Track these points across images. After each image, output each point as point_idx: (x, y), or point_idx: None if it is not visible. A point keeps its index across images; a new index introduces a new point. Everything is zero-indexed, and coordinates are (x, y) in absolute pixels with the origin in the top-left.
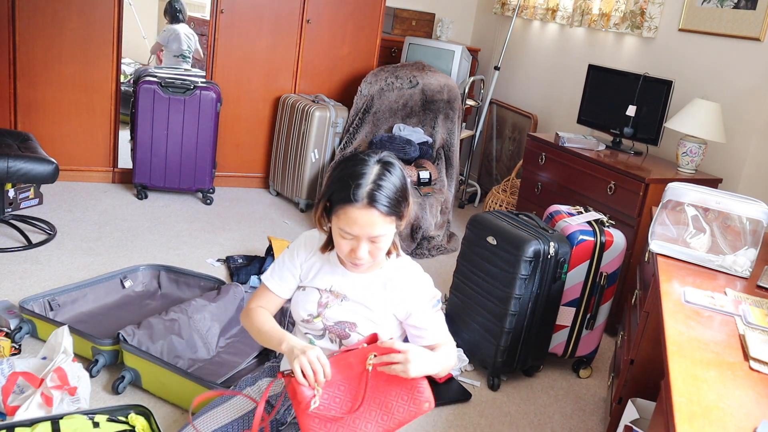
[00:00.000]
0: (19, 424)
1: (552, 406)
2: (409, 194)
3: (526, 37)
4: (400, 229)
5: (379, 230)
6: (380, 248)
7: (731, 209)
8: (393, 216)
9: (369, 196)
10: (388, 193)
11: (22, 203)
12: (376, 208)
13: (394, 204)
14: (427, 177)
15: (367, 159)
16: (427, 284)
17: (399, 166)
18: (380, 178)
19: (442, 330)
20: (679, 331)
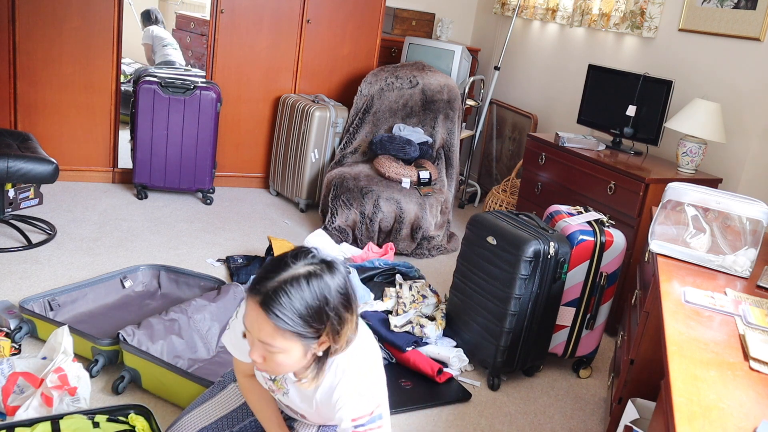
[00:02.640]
0: (19, 424)
1: (552, 406)
2: (329, 326)
3: (526, 37)
4: (318, 350)
5: (266, 339)
6: (278, 363)
7: (731, 209)
8: (289, 334)
9: (264, 293)
10: (291, 307)
11: (22, 203)
12: (266, 313)
13: (292, 322)
14: (427, 177)
15: (306, 257)
16: (355, 400)
17: (332, 285)
18: (291, 284)
19: None
20: (679, 331)
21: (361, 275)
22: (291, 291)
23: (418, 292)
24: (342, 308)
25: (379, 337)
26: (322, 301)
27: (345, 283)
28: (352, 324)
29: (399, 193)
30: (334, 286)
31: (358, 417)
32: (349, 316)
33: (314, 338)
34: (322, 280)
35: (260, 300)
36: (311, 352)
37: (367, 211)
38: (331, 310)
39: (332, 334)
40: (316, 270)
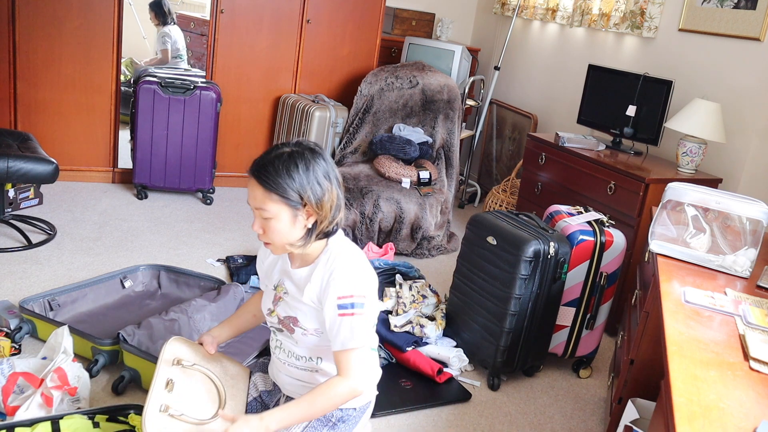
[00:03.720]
0: (19, 424)
1: (552, 406)
2: (307, 188)
3: (526, 37)
4: (307, 222)
5: (260, 204)
6: (272, 229)
7: (731, 209)
8: (276, 195)
9: (256, 165)
10: (273, 170)
11: (22, 203)
12: (255, 178)
13: (274, 182)
14: (427, 177)
15: (291, 144)
16: (343, 279)
17: (311, 160)
18: (277, 156)
19: (344, 340)
20: (679, 331)
21: None
22: (276, 162)
23: (418, 292)
24: (322, 178)
25: (379, 337)
26: (302, 169)
27: (324, 162)
28: (333, 195)
29: (399, 193)
30: (314, 161)
31: (343, 296)
32: (328, 185)
33: (299, 204)
34: (303, 156)
35: (252, 170)
36: (301, 222)
37: (367, 211)
38: (310, 178)
39: (314, 203)
40: (299, 150)
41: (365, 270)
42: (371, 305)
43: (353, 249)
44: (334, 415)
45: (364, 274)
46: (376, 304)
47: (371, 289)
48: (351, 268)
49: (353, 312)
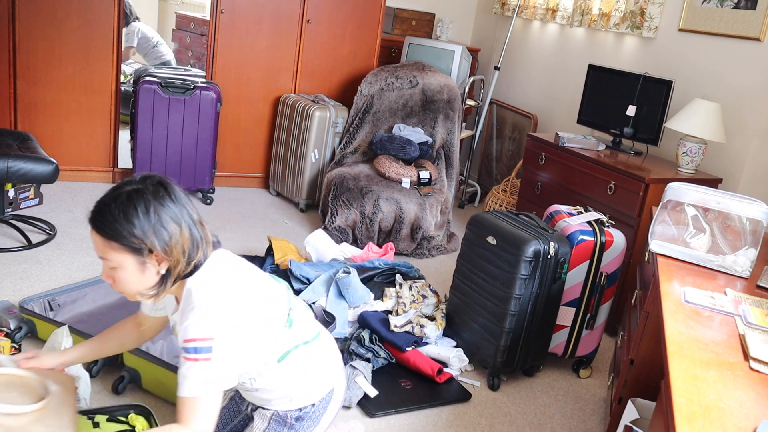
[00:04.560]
0: None
1: (552, 406)
2: (150, 234)
3: (526, 37)
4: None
5: (102, 253)
6: (120, 278)
7: (731, 209)
8: (116, 243)
9: (93, 210)
10: (114, 218)
11: (22, 203)
12: (92, 227)
13: (115, 232)
14: (427, 177)
15: (133, 179)
16: (190, 322)
17: (149, 198)
18: (117, 200)
19: (184, 386)
20: (679, 331)
21: (361, 275)
22: (112, 206)
23: (418, 292)
24: (167, 221)
25: (379, 337)
26: (142, 213)
27: (171, 201)
28: (184, 239)
29: (399, 193)
30: (157, 203)
31: (190, 339)
32: (175, 229)
33: (143, 251)
34: (143, 197)
35: (90, 218)
36: (151, 270)
37: (367, 211)
38: (152, 223)
39: (161, 248)
40: (142, 188)
41: (219, 308)
42: (222, 351)
43: (215, 283)
44: (289, 416)
45: (216, 314)
46: (236, 341)
47: (224, 328)
48: (201, 309)
49: (196, 357)
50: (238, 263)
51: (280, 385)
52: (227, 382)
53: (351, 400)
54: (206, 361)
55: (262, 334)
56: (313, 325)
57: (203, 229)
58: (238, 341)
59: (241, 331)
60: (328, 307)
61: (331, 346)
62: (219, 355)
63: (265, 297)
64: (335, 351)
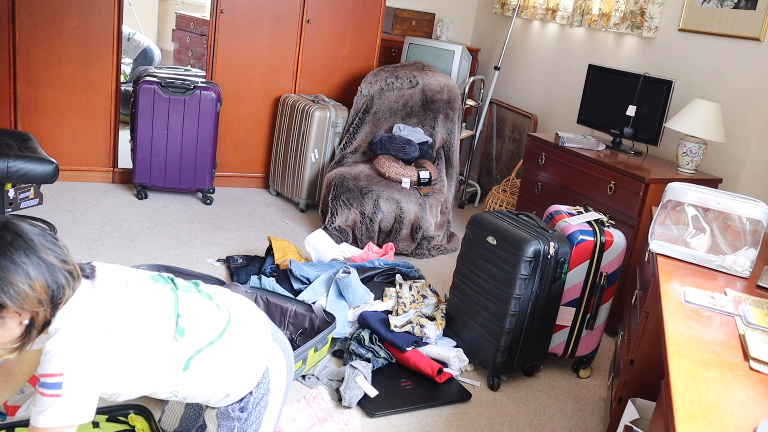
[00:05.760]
0: (19, 424)
1: (552, 406)
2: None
3: (526, 37)
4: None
5: None
6: None
7: (731, 209)
8: None
9: None
10: None
11: (22, 203)
12: None
13: None
14: (427, 177)
15: None
16: (47, 356)
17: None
18: None
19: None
20: (679, 331)
21: (361, 275)
22: None
23: (418, 292)
24: (14, 278)
25: (379, 337)
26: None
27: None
28: (37, 292)
29: (399, 193)
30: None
31: (44, 374)
32: (24, 285)
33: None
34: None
35: None
36: (11, 323)
37: (367, 211)
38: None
39: (14, 305)
40: None
41: (72, 345)
42: (72, 384)
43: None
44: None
45: (68, 351)
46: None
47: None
48: (55, 344)
49: (45, 392)
50: (112, 286)
51: (203, 389)
52: (79, 417)
53: (351, 400)
54: (56, 397)
55: (145, 356)
56: (218, 318)
57: (66, 266)
58: (95, 376)
59: (101, 364)
60: (328, 307)
61: (250, 326)
62: (69, 391)
63: (142, 317)
64: (257, 329)
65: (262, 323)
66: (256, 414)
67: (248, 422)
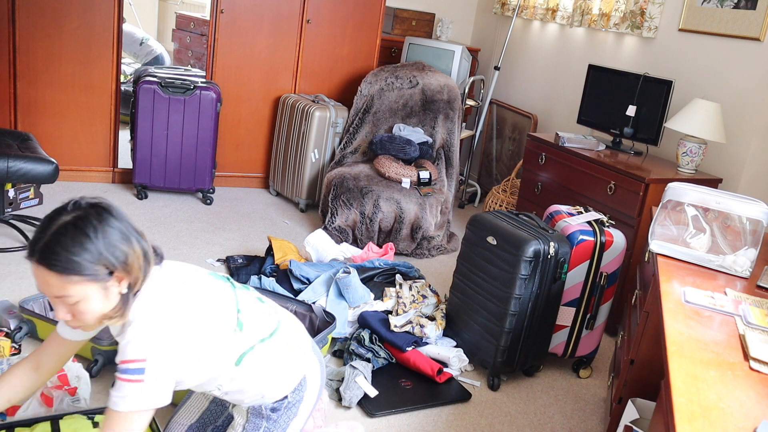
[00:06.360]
0: (19, 424)
1: (552, 406)
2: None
3: (526, 37)
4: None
5: (59, 292)
6: (83, 311)
7: (731, 209)
8: (77, 276)
9: (38, 249)
10: (67, 249)
11: (22, 203)
12: (42, 265)
13: (74, 264)
14: (427, 177)
15: (66, 209)
16: (129, 343)
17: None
18: (60, 231)
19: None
20: (679, 331)
21: (361, 275)
22: (62, 239)
23: (418, 292)
24: (119, 240)
25: (379, 337)
26: (94, 237)
27: (116, 220)
28: (138, 253)
29: (399, 193)
30: (104, 224)
31: (125, 361)
32: (128, 247)
33: (104, 276)
34: (89, 221)
35: (38, 258)
36: (114, 292)
37: (367, 211)
38: (107, 244)
39: (122, 268)
40: (83, 214)
41: (153, 329)
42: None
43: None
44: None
45: (150, 335)
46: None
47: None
48: (136, 329)
49: (128, 378)
50: (180, 275)
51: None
52: (159, 401)
53: (351, 400)
54: (138, 382)
55: (210, 346)
56: (269, 319)
57: (146, 241)
58: (174, 361)
59: (178, 350)
60: (328, 307)
61: (295, 334)
62: (151, 376)
63: (210, 307)
64: (301, 338)
65: (304, 333)
66: (285, 418)
67: (276, 424)
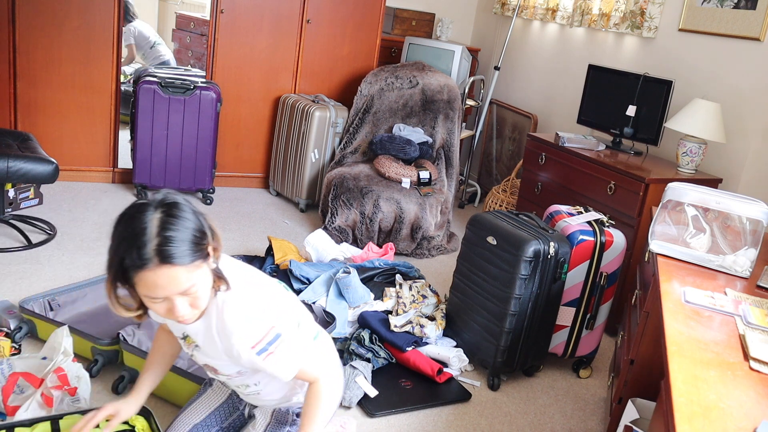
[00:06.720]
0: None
1: (552, 406)
2: (206, 228)
3: (526, 37)
4: (216, 263)
5: (185, 283)
6: (199, 297)
7: (731, 209)
8: (197, 261)
9: (159, 253)
10: (181, 241)
11: (22, 203)
12: (171, 263)
13: (192, 249)
14: (427, 177)
15: (146, 208)
16: (243, 331)
17: (185, 204)
18: (165, 227)
19: (286, 370)
20: (679, 331)
21: (361, 275)
22: (171, 232)
23: (418, 292)
24: (204, 221)
25: (379, 337)
26: (195, 220)
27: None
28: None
29: (399, 193)
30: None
31: (256, 343)
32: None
33: (208, 255)
34: (178, 208)
35: (160, 260)
36: (209, 267)
37: (367, 211)
38: (202, 226)
39: (212, 240)
40: (174, 201)
41: (258, 302)
42: (286, 328)
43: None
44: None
45: (260, 308)
46: (289, 311)
47: (275, 314)
48: (245, 311)
49: (273, 349)
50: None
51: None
52: (306, 346)
53: (351, 400)
54: (282, 344)
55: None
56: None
57: None
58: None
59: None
60: (328, 307)
61: (330, 345)
62: (287, 332)
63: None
64: (334, 350)
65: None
66: None
67: None
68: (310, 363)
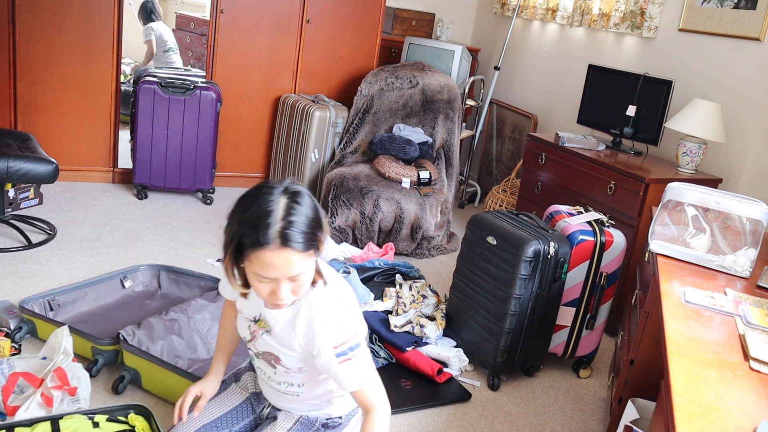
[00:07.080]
0: (19, 424)
1: (552, 406)
2: (322, 221)
3: (526, 37)
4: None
5: (297, 269)
6: (302, 285)
7: (731, 209)
8: (311, 250)
9: (281, 236)
10: (302, 228)
11: (22, 203)
12: (290, 247)
13: (309, 238)
14: (427, 177)
15: (272, 192)
16: (333, 328)
17: (308, 194)
18: (290, 212)
19: (356, 381)
20: (679, 331)
21: (361, 275)
22: (295, 218)
23: (418, 292)
24: (322, 214)
25: (379, 337)
26: (315, 210)
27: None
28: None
29: (399, 193)
30: (307, 198)
31: (339, 344)
32: (324, 223)
33: (319, 248)
34: (302, 195)
35: (279, 242)
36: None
37: (367, 211)
38: (319, 219)
39: (322, 234)
40: (294, 189)
41: (349, 307)
42: (362, 334)
43: (336, 285)
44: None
45: (350, 313)
46: (364, 329)
47: (359, 322)
48: (336, 313)
49: (352, 356)
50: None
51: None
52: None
53: None
54: (360, 353)
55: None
56: None
57: None
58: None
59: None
60: None
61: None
62: (364, 343)
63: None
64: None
65: None
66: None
67: None
68: (375, 384)
